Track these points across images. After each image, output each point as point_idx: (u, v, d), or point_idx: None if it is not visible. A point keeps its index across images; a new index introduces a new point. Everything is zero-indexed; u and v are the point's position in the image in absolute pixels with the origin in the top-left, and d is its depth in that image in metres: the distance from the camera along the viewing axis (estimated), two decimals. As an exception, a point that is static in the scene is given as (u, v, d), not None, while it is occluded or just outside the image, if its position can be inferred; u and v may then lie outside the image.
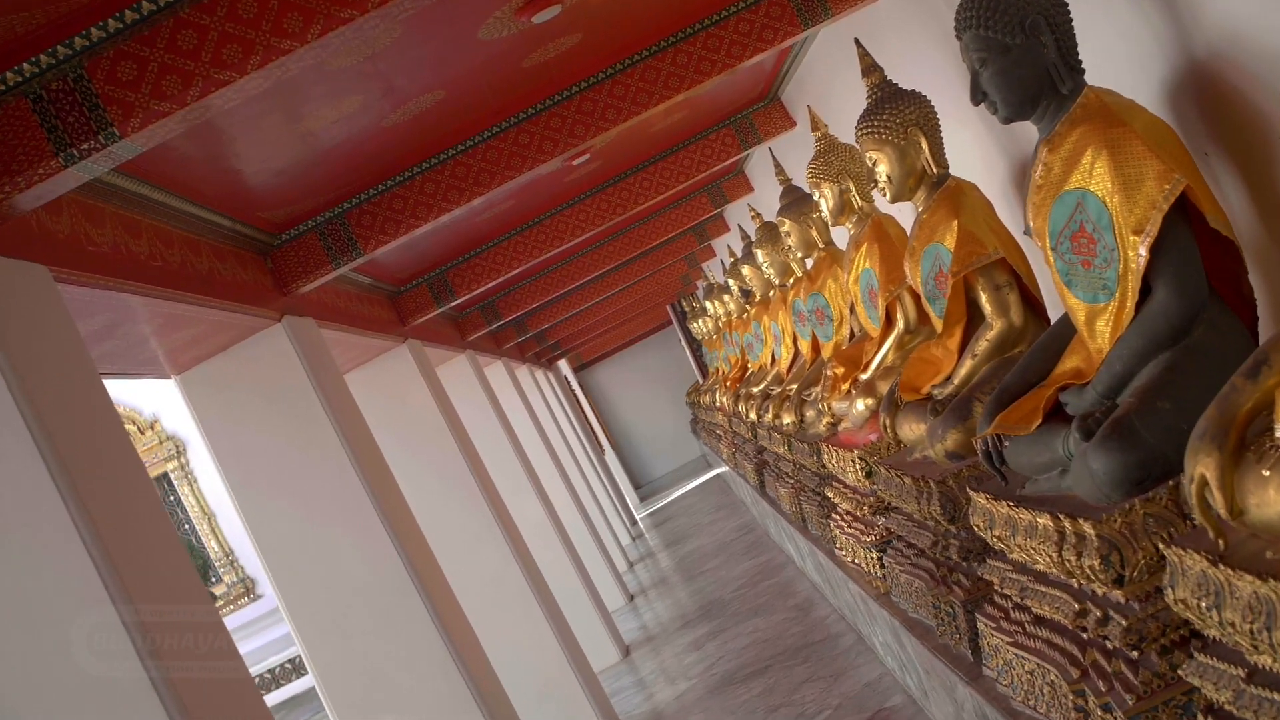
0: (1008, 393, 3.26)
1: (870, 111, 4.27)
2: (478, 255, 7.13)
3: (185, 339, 4.20)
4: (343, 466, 4.61)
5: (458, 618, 4.92)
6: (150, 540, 2.63)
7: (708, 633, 8.88)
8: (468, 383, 9.12)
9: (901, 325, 5.22)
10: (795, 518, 7.71)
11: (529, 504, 9.38)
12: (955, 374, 4.16)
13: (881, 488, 4.68)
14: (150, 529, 2.66)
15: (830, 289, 6.45)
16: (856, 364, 5.66)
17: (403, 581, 4.57)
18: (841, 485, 5.78)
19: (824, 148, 5.46)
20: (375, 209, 4.77)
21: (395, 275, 6.90)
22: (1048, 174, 2.93)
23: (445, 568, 6.75)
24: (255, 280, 4.54)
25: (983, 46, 2.97)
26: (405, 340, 7.00)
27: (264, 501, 4.60)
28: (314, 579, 4.57)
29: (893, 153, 4.22)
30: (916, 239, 4.28)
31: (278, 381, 4.64)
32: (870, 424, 5.19)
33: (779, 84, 6.94)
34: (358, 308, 6.23)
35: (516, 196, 6.47)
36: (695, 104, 6.59)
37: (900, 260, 5.14)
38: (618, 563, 13.81)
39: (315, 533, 4.59)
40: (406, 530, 4.78)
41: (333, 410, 4.67)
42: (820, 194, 5.42)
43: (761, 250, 7.42)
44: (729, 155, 7.19)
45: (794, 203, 6.43)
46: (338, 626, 4.56)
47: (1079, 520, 2.65)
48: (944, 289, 4.15)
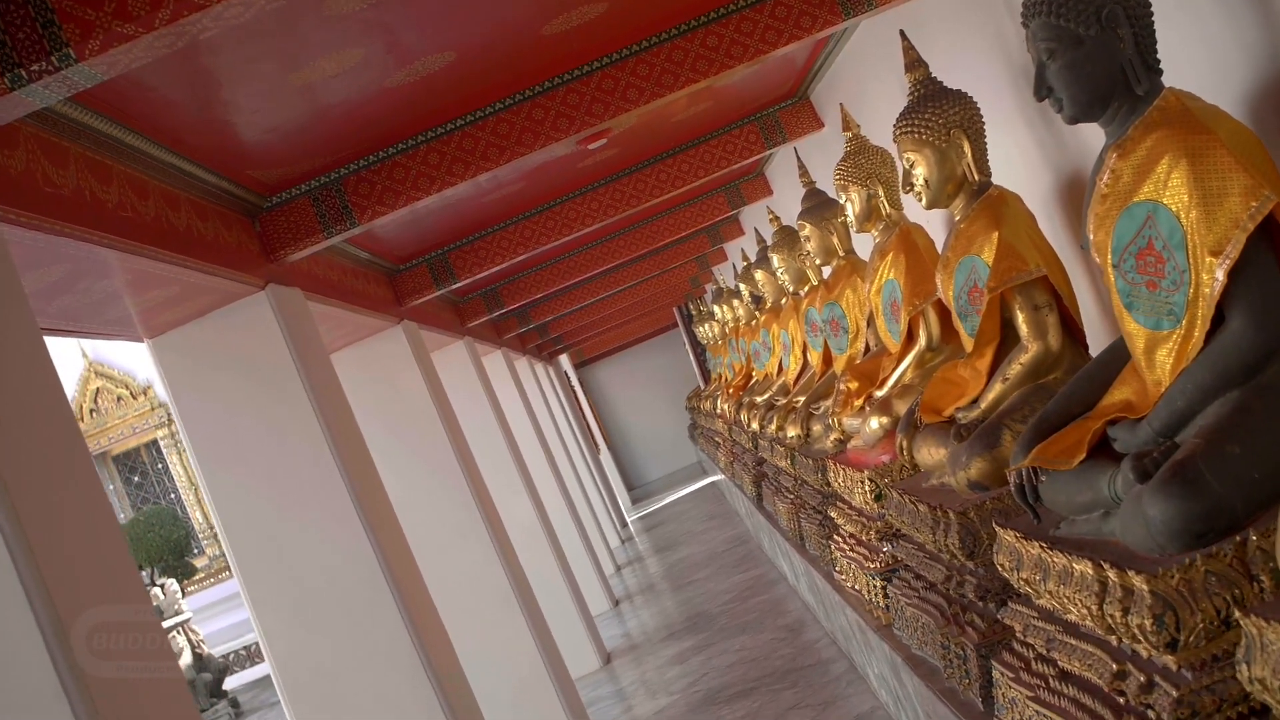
0: (1047, 422, 2.95)
1: (911, 109, 3.97)
2: (482, 238, 6.83)
3: (158, 300, 3.89)
4: (319, 449, 4.31)
5: (429, 616, 4.62)
6: (83, 529, 2.33)
7: (693, 646, 8.58)
8: (463, 370, 8.83)
9: (923, 342, 4.93)
10: (793, 535, 7.40)
11: (518, 500, 9.08)
12: (983, 397, 3.86)
13: (892, 513, 4.38)
14: (85, 515, 2.36)
15: (848, 299, 6.16)
16: (872, 379, 5.36)
17: (373, 575, 4.27)
18: (846, 506, 5.48)
19: (854, 149, 5.17)
20: (374, 177, 4.47)
21: (395, 252, 6.60)
22: (1115, 182, 2.63)
23: (424, 563, 6.45)
24: (240, 243, 4.24)
25: (1052, 36, 2.66)
26: (401, 321, 6.70)
27: (232, 480, 4.30)
28: (279, 565, 4.27)
29: (932, 155, 3.92)
30: (951, 249, 3.98)
31: (257, 353, 4.34)
32: (883, 444, 4.89)
33: (809, 82, 6.64)
34: (352, 283, 5.93)
35: (527, 179, 6.17)
36: (720, 96, 6.29)
37: (927, 273, 4.86)
38: (605, 566, 13.50)
39: (284, 517, 4.29)
40: (382, 521, 4.48)
41: (313, 388, 4.37)
42: (847, 197, 5.13)
43: (778, 255, 7.12)
44: (752, 153, 6.89)
45: (816, 206, 6.14)
46: (300, 618, 4.27)
47: (1128, 572, 2.34)
48: (978, 305, 3.85)
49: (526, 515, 9.14)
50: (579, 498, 13.64)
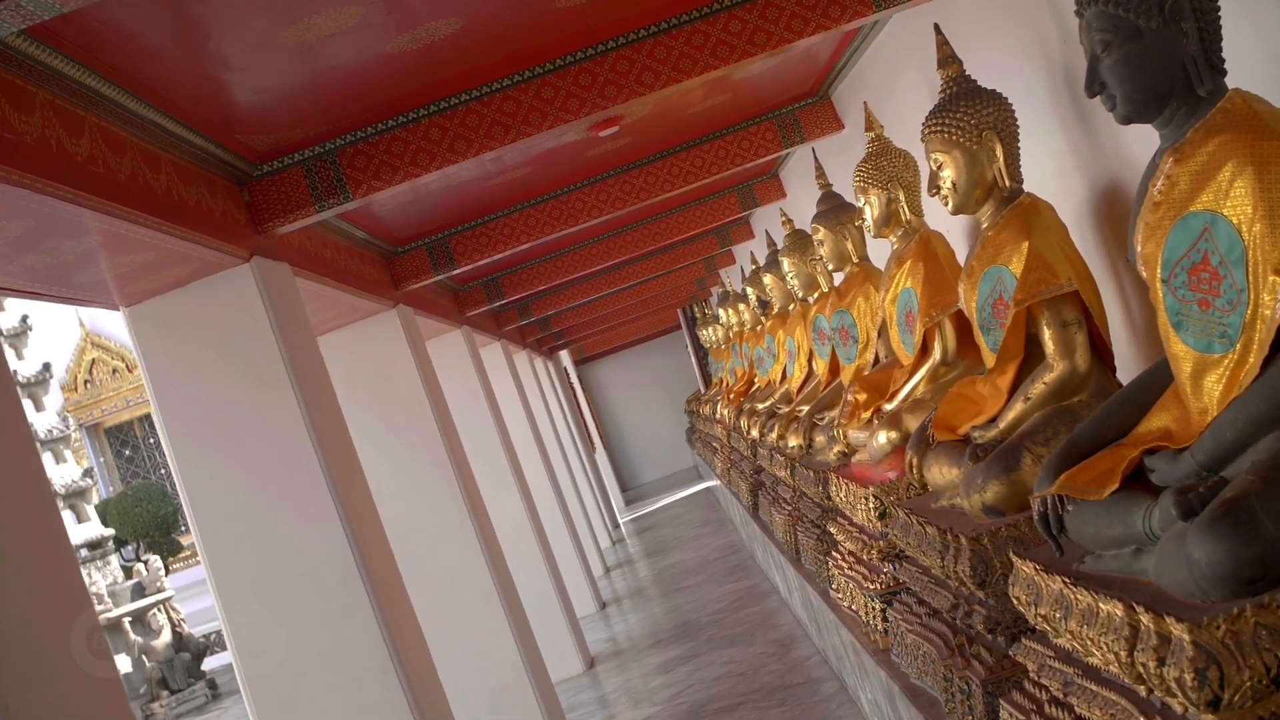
0: (1077, 447, 2.72)
1: (942, 108, 3.75)
2: (485, 224, 6.61)
3: (134, 266, 3.67)
4: (298, 433, 4.09)
5: (403, 613, 4.39)
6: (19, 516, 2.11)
7: (679, 656, 8.34)
8: (459, 360, 8.60)
9: (938, 355, 4.71)
10: (788, 547, 7.18)
11: (508, 495, 8.85)
12: (1002, 417, 3.63)
13: (896, 533, 4.15)
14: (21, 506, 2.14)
15: (859, 308, 5.93)
16: (881, 392, 5.13)
17: (346, 568, 4.05)
18: (847, 522, 5.25)
19: (876, 150, 4.94)
20: (371, 150, 4.24)
21: (393, 233, 6.38)
22: (1170, 190, 2.40)
23: (404, 557, 6.23)
24: (225, 211, 4.01)
25: (1109, 26, 2.43)
26: (396, 306, 6.48)
27: (203, 461, 4.08)
28: (247, 553, 4.05)
29: (962, 157, 3.70)
30: (977, 258, 3.75)
31: (238, 328, 4.12)
32: (891, 460, 4.66)
33: (831, 80, 6.41)
34: (346, 262, 5.71)
35: (534, 164, 5.94)
36: (739, 90, 6.06)
37: (946, 283, 4.64)
38: (594, 567, 13.27)
39: (257, 503, 4.06)
40: (360, 512, 4.25)
41: (296, 368, 4.14)
42: (866, 200, 4.91)
43: (788, 258, 6.89)
44: (768, 151, 6.65)
45: (832, 210, 5.91)
46: (267, 609, 4.04)
47: (1165, 618, 2.11)
48: (1002, 319, 3.63)
49: (516, 511, 8.92)
50: (571, 496, 13.41)
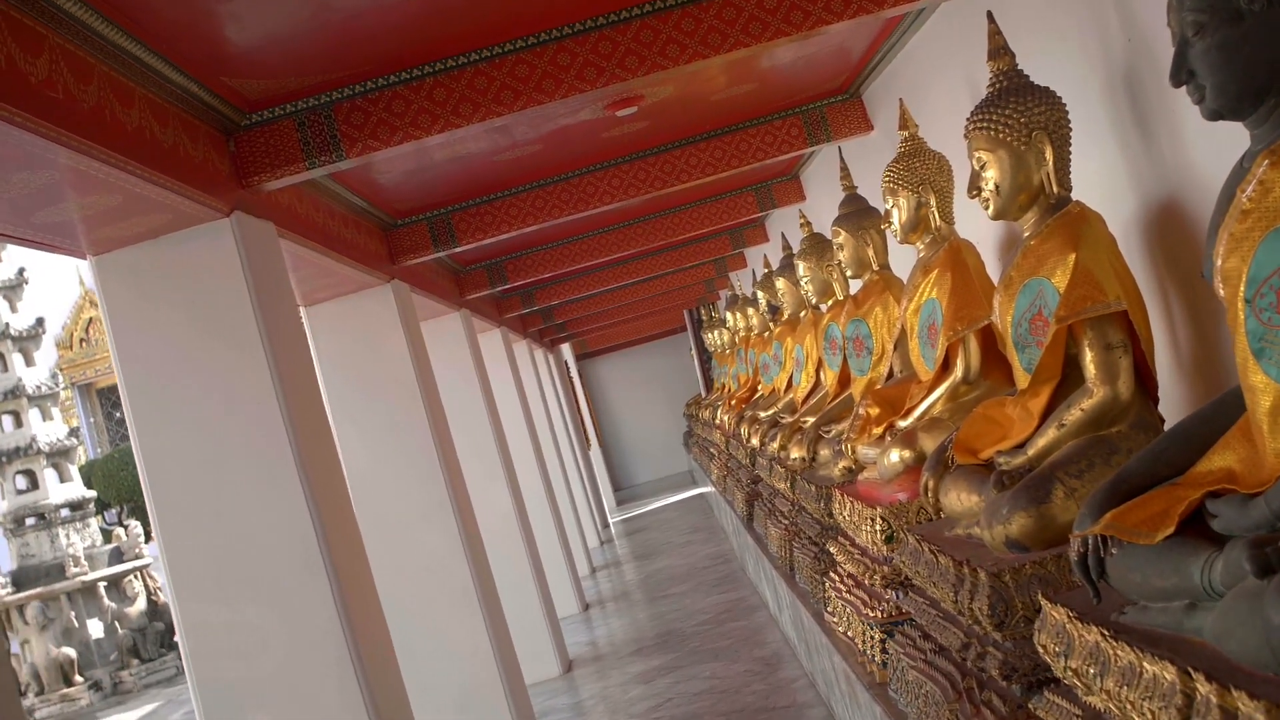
0: (1127, 483, 2.42)
1: (990, 103, 3.44)
2: (491, 202, 6.30)
3: (99, 209, 3.37)
4: (267, 406, 3.78)
5: (368, 606, 4.09)
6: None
7: (661, 666, 8.03)
8: (455, 343, 8.30)
9: (960, 373, 4.40)
10: (782, 563, 6.87)
11: (495, 487, 8.54)
12: (1032, 443, 3.33)
13: (904, 559, 3.85)
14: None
15: (876, 318, 5.63)
16: (896, 407, 4.83)
17: (309, 554, 3.74)
18: (849, 543, 4.95)
19: (909, 150, 4.64)
20: (370, 107, 3.94)
21: (393, 204, 6.07)
22: (1264, 196, 2.09)
23: (379, 545, 5.93)
24: (206, 160, 3.71)
25: (1203, 7, 2.12)
26: (391, 280, 6.18)
27: (163, 427, 3.77)
28: (203, 530, 3.74)
29: (1008, 157, 3.39)
30: (1016, 268, 3.44)
31: (212, 288, 3.82)
32: (902, 480, 4.35)
33: (863, 78, 6.11)
34: (340, 230, 5.41)
35: (545, 142, 5.64)
36: (766, 79, 5.75)
37: (974, 296, 4.33)
38: (580, 566, 12.96)
39: (217, 477, 3.76)
40: (330, 496, 3.94)
41: (271, 336, 3.84)
42: (894, 203, 4.60)
43: (804, 262, 6.58)
44: (792, 148, 6.35)
45: (854, 213, 5.61)
46: (219, 590, 3.74)
47: (1233, 691, 1.81)
48: (1040, 336, 3.32)
49: (502, 504, 8.61)
50: (562, 493, 13.09)
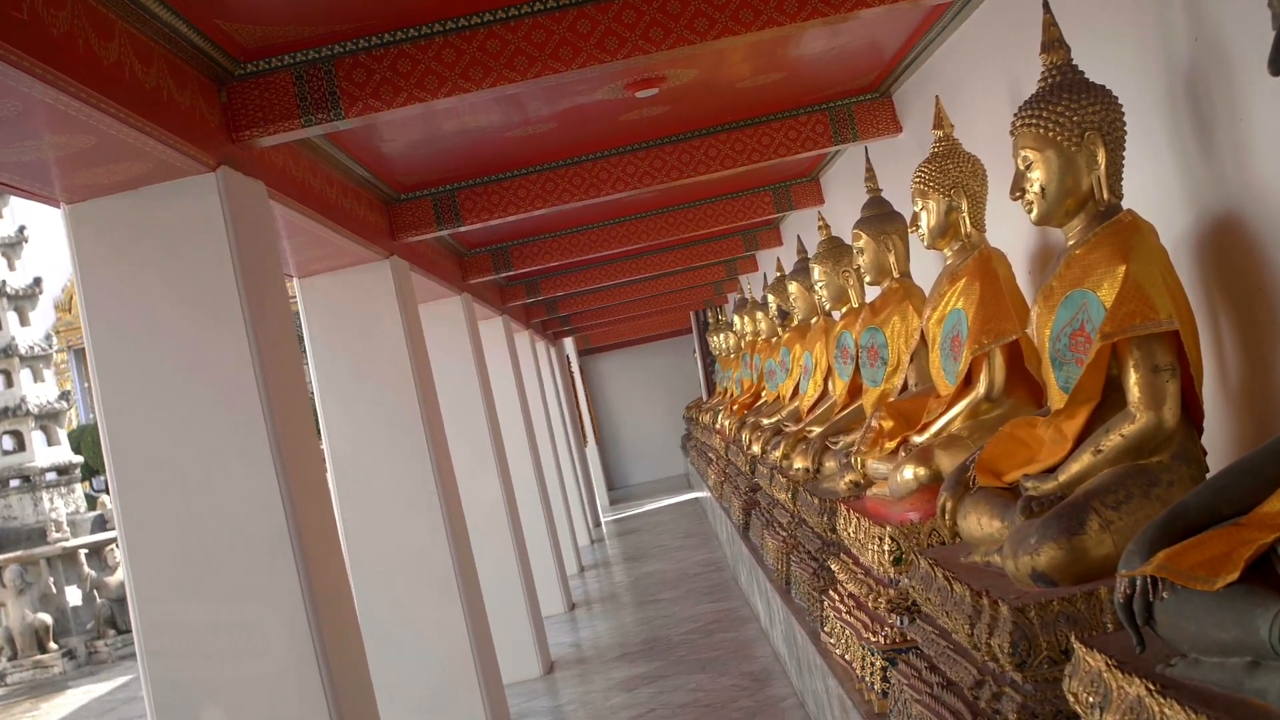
0: (1183, 520, 2.16)
1: (1041, 99, 3.18)
2: (499, 181, 6.04)
3: (72, 151, 3.11)
4: (243, 379, 3.53)
5: (337, 598, 3.83)
6: None
7: (645, 674, 7.77)
8: (454, 328, 8.05)
9: (982, 389, 4.15)
10: (778, 576, 6.61)
11: (485, 478, 8.28)
12: (1064, 468, 3.07)
13: (914, 584, 3.59)
14: None
15: (894, 327, 5.37)
16: (911, 421, 4.57)
17: (277, 540, 3.49)
18: (852, 561, 4.69)
19: (943, 151, 4.39)
20: (374, 64, 3.69)
21: (396, 176, 5.82)
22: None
23: (358, 532, 5.68)
24: (194, 108, 3.46)
25: (1312, -15, 1.87)
26: (390, 257, 5.92)
27: (130, 394, 3.52)
28: (165, 505, 3.49)
29: (1056, 158, 3.14)
30: (1058, 278, 3.18)
31: (191, 247, 3.57)
32: (915, 499, 4.10)
33: (895, 77, 5.85)
34: (340, 199, 5.15)
35: (560, 120, 5.38)
36: (794, 69, 5.49)
37: (1003, 309, 4.08)
38: (568, 565, 12.69)
39: (184, 450, 3.51)
40: (305, 479, 3.69)
41: (252, 303, 3.58)
42: (923, 205, 4.35)
43: (820, 266, 6.30)
44: (816, 145, 6.09)
45: (877, 217, 5.36)
46: (179, 574, 3.49)
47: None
48: (1081, 353, 3.06)
49: (491, 495, 8.34)
50: (555, 488, 12.82)
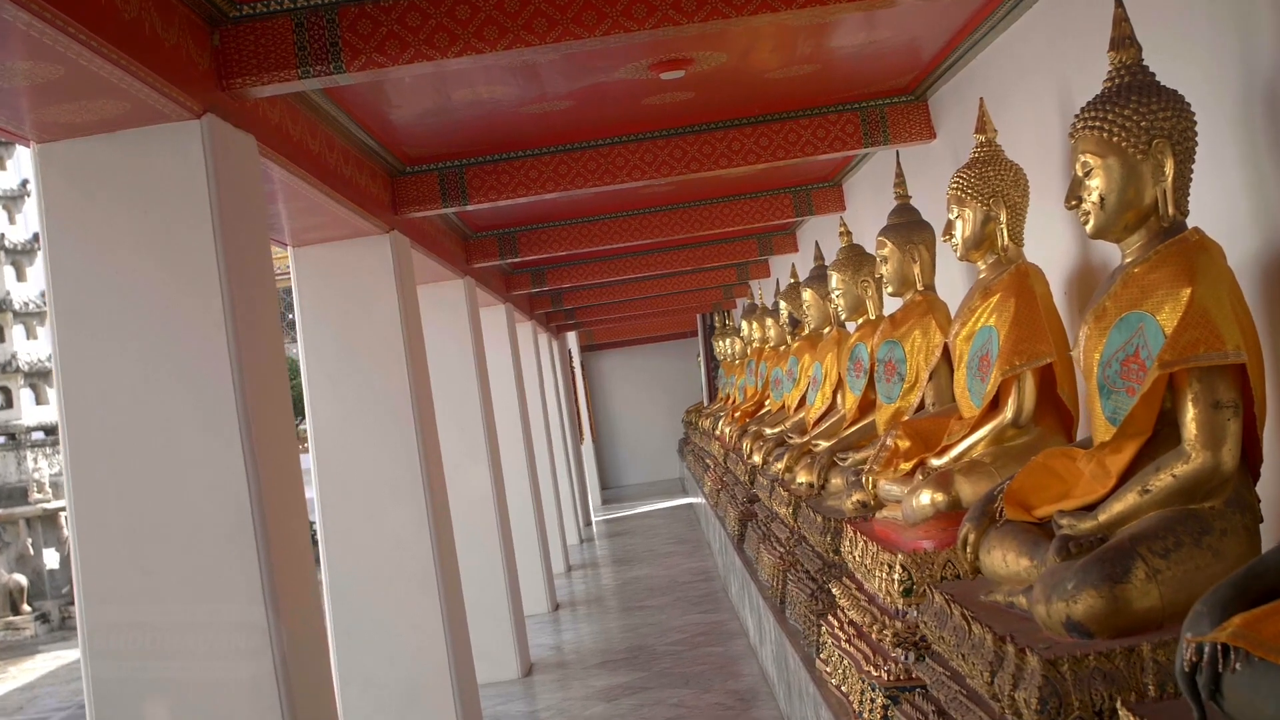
0: (1262, 581, 1.88)
1: (1107, 100, 2.90)
2: (510, 160, 5.76)
3: (44, 82, 2.84)
4: (215, 347, 3.25)
5: (300, 586, 3.54)
6: None
7: (627, 685, 7.48)
8: (454, 312, 7.77)
9: (1010, 414, 3.87)
10: (773, 593, 6.32)
11: (476, 469, 7.99)
12: (1105, 507, 2.78)
13: (926, 621, 3.31)
14: None
15: (914, 342, 5.10)
16: (929, 443, 4.28)
17: (238, 520, 3.20)
18: (855, 586, 4.40)
19: (984, 157, 4.11)
20: (381, 15, 3.40)
21: (402, 146, 5.54)
22: None
23: (335, 515, 5.40)
24: (180, 48, 3.17)
25: None
26: (391, 231, 5.64)
27: (90, 353, 3.25)
28: (121, 476, 3.22)
29: (1119, 166, 2.86)
30: (1113, 298, 2.90)
31: (168, 199, 3.29)
32: (930, 526, 3.81)
33: (933, 80, 5.56)
34: (341, 165, 4.87)
35: (579, 99, 5.10)
36: (828, 62, 5.20)
37: (1038, 329, 3.80)
38: (555, 563, 12.40)
39: (145, 419, 3.23)
40: (274, 457, 3.40)
41: (231, 266, 3.30)
42: (959, 213, 4.08)
43: (839, 274, 6.00)
44: (845, 146, 5.80)
45: (906, 225, 5.08)
46: (131, 552, 3.21)
47: None
48: (1134, 382, 2.78)
49: (480, 487, 8.04)
50: (547, 484, 12.53)
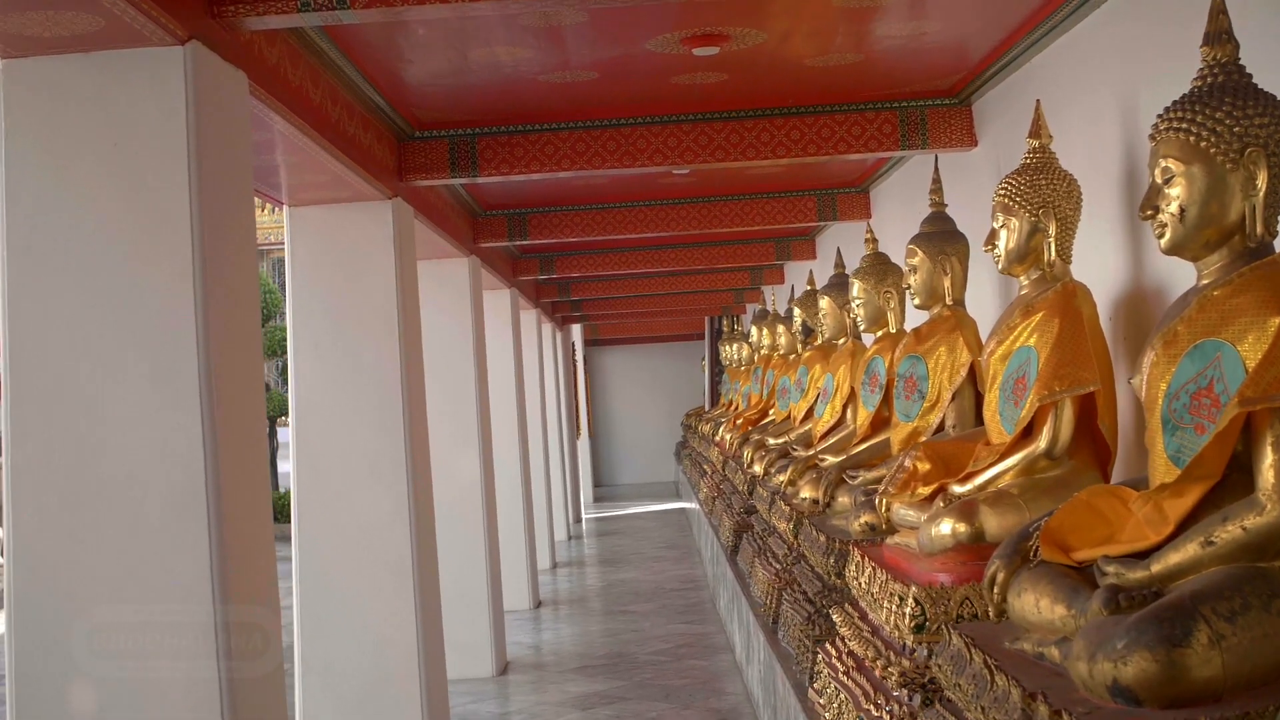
0: None
1: (1197, 100, 2.58)
2: (525, 133, 5.44)
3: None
4: (180, 297, 2.94)
5: (254, 566, 3.21)
6: None
7: (604, 693, 7.16)
8: (455, 291, 7.46)
9: (1044, 443, 3.57)
10: (765, 611, 6.00)
11: (466, 455, 7.66)
12: (1160, 556, 2.46)
13: (940, 663, 2.99)
14: None
15: (939, 359, 4.77)
16: (951, 468, 3.96)
17: (189, 492, 2.89)
18: (859, 615, 4.07)
19: (1037, 164, 3.81)
20: (393, -52, 3.10)
21: (412, 107, 5.22)
22: None
23: (309, 493, 5.09)
24: (167, -35, 2.86)
25: None
26: (394, 198, 5.33)
27: (42, 291, 2.94)
28: (62, 427, 2.91)
29: (1204, 174, 2.54)
30: (1186, 322, 2.58)
31: (142, 131, 2.98)
32: (949, 558, 3.48)
33: (979, 84, 5.23)
34: (346, 122, 4.56)
35: (604, 70, 4.78)
36: (870, 54, 4.87)
37: (1082, 354, 3.49)
38: (542, 558, 12.07)
39: (94, 370, 2.92)
40: (236, 425, 3.08)
41: (205, 209, 2.99)
42: (1004, 222, 3.78)
43: (862, 282, 5.68)
44: (880, 146, 5.48)
45: (939, 234, 4.77)
46: (66, 523, 2.89)
47: None
48: (1205, 418, 2.46)
49: (469, 474, 7.71)
50: (539, 476, 12.20)
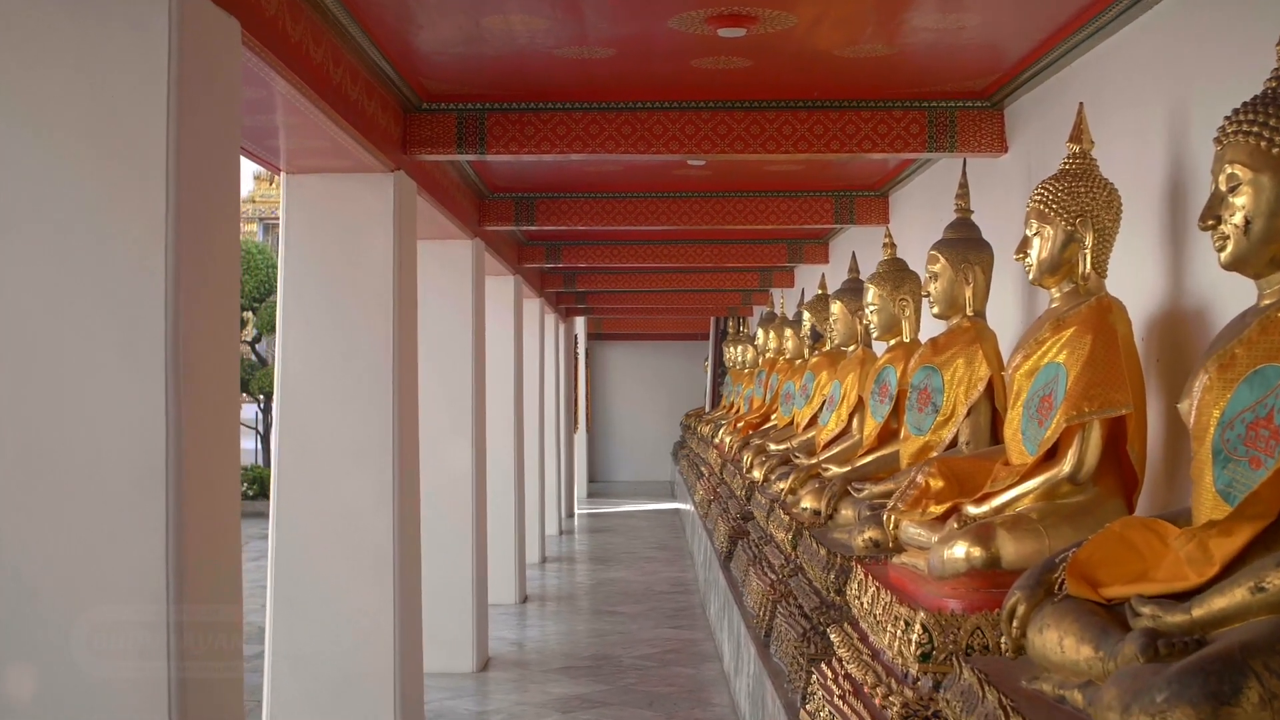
0: None
1: (1270, 103, 2.37)
2: (536, 111, 5.21)
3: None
4: (148, 257, 2.72)
5: (215, 552, 2.99)
6: None
7: (586, 696, 6.94)
8: (457, 274, 7.24)
9: (1068, 467, 3.36)
10: (758, 624, 5.77)
11: (458, 443, 7.43)
12: (1203, 600, 2.22)
13: (949, 696, 2.77)
14: None
15: (956, 372, 4.56)
16: (966, 487, 3.73)
17: (148, 465, 2.67)
18: (859, 637, 3.84)
19: (1076, 170, 3.60)
20: (403, -106, 2.87)
21: (421, 78, 5.00)
22: None
23: (289, 472, 4.88)
24: (156, -108, 2.64)
25: None
26: (396, 171, 5.10)
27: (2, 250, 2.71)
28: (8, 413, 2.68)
29: (1274, 184, 2.35)
30: (1244, 344, 2.36)
31: (119, 73, 2.77)
32: (961, 583, 3.26)
33: (1013, 87, 5.00)
34: (349, 86, 4.34)
35: (622, 48, 4.56)
36: (902, 47, 4.64)
37: (1115, 375, 3.29)
38: (531, 552, 11.83)
39: (46, 333, 2.70)
40: (203, 396, 2.86)
41: (183, 166, 2.78)
42: (1038, 230, 3.57)
43: (877, 288, 5.45)
44: (907, 147, 5.25)
45: (964, 241, 4.57)
46: (10, 485, 2.67)
47: None
48: (1262, 451, 2.23)
49: (461, 464, 7.48)
50: (533, 469, 11.97)
